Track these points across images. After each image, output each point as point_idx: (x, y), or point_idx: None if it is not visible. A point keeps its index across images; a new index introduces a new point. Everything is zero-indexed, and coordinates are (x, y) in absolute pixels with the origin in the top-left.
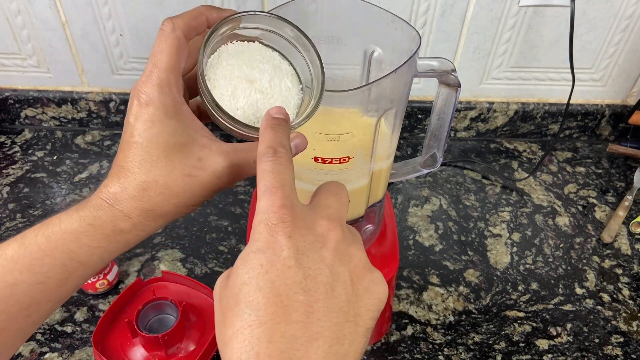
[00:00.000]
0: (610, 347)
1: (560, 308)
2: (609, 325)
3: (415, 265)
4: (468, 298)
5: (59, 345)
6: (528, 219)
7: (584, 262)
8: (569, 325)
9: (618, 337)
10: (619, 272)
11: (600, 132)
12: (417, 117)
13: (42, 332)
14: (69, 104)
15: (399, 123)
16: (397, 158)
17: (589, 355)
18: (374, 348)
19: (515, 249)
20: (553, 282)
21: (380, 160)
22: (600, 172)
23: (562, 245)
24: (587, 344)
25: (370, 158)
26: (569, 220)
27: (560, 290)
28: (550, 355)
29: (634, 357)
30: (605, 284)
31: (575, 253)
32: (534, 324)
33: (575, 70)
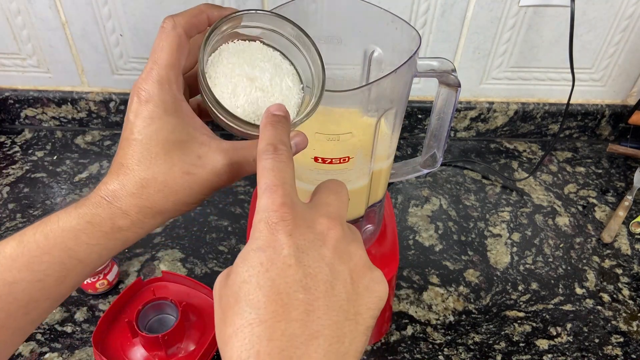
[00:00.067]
0: (610, 347)
1: (560, 308)
2: (609, 325)
3: (415, 265)
4: (468, 298)
5: (59, 345)
6: (528, 219)
7: (584, 262)
8: (569, 325)
9: (618, 337)
10: (619, 272)
11: (600, 132)
12: (417, 117)
13: (42, 332)
14: (69, 104)
15: (399, 123)
16: (397, 158)
17: (589, 355)
18: (374, 348)
19: (515, 249)
20: (553, 282)
21: (380, 160)
22: (600, 172)
23: (562, 245)
24: (587, 344)
25: (370, 158)
26: (569, 220)
27: (560, 290)
28: (550, 355)
29: (634, 357)
30: (605, 284)
31: (575, 253)
32: (534, 324)
33: (575, 70)
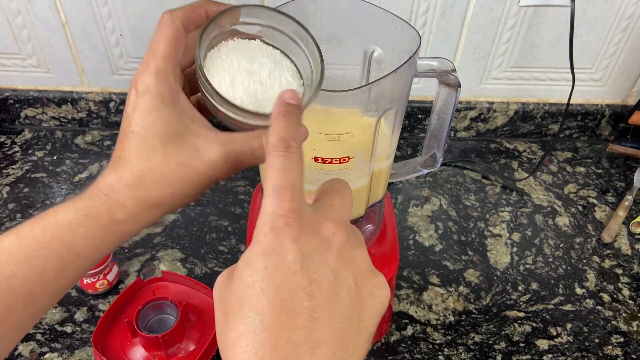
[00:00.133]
0: (610, 347)
1: (560, 308)
2: (609, 325)
3: (415, 265)
4: (468, 298)
5: (59, 345)
6: (528, 219)
7: (584, 262)
8: (569, 325)
9: (618, 337)
10: (619, 272)
11: (600, 132)
12: (417, 117)
13: (42, 332)
14: (69, 104)
15: (399, 123)
16: (397, 158)
17: (589, 355)
18: (374, 348)
19: (515, 249)
20: (553, 282)
21: (380, 160)
22: (600, 172)
23: (562, 245)
24: (587, 344)
25: (370, 158)
26: (569, 220)
27: (560, 290)
28: (550, 355)
29: (634, 357)
30: (605, 284)
31: (575, 253)
32: (534, 324)
33: (575, 70)
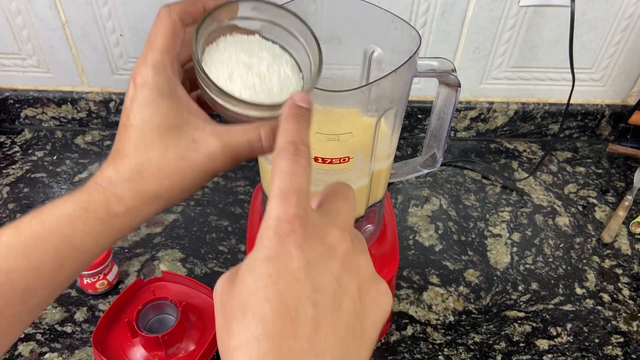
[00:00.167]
0: (610, 347)
1: (560, 308)
2: (609, 325)
3: (415, 265)
4: (468, 298)
5: (59, 346)
6: (528, 219)
7: (584, 262)
8: (569, 325)
9: (618, 337)
10: (619, 272)
11: (600, 132)
12: (417, 117)
13: (42, 332)
14: (69, 104)
15: (399, 123)
16: (397, 158)
17: (589, 355)
18: (374, 348)
19: (515, 249)
20: (553, 282)
21: (380, 160)
22: (600, 172)
23: (562, 245)
24: (587, 344)
25: (370, 158)
26: (569, 220)
27: (560, 290)
28: (550, 355)
29: (634, 357)
30: (605, 284)
31: (575, 253)
32: (534, 324)
33: (575, 70)
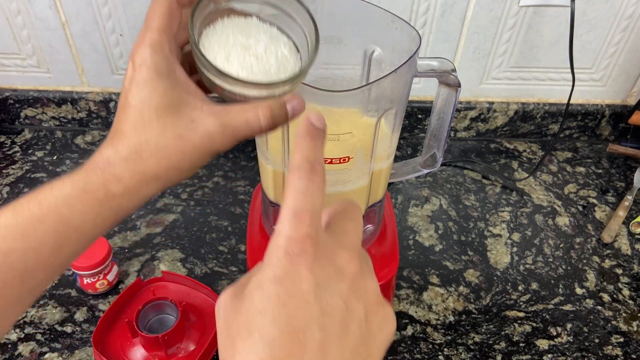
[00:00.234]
0: (610, 347)
1: (560, 308)
2: (609, 325)
3: (415, 265)
4: (468, 298)
5: (59, 345)
6: (528, 219)
7: (584, 262)
8: (569, 325)
9: (618, 337)
10: (619, 272)
11: (600, 132)
12: (417, 117)
13: (42, 332)
14: (69, 104)
15: (399, 123)
16: (397, 158)
17: (589, 355)
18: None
19: (515, 249)
20: (553, 282)
21: (380, 160)
22: (600, 172)
23: (562, 245)
24: (587, 344)
25: (370, 158)
26: (569, 220)
27: (560, 290)
28: (550, 355)
29: (634, 357)
30: (605, 284)
31: (575, 253)
32: (534, 324)
33: (575, 70)
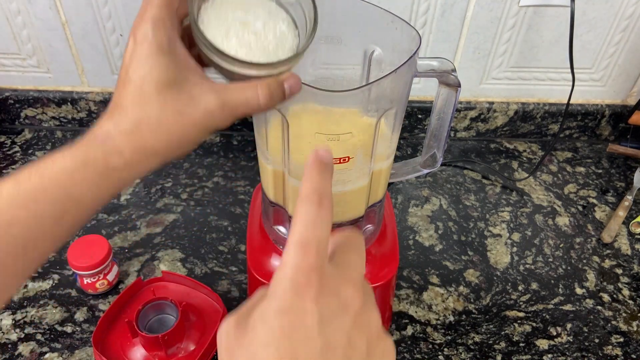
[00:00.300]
0: (610, 347)
1: (560, 308)
2: (609, 325)
3: (415, 265)
4: (468, 298)
5: (59, 345)
6: (528, 219)
7: (584, 262)
8: (569, 325)
9: (618, 337)
10: (619, 272)
11: (600, 132)
12: (417, 117)
13: (42, 332)
14: (69, 104)
15: (399, 123)
16: (397, 158)
17: (589, 355)
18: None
19: (515, 249)
20: (553, 282)
21: (380, 160)
22: (600, 172)
23: (562, 245)
24: (587, 344)
25: (370, 158)
26: (569, 220)
27: (560, 290)
28: (550, 355)
29: (634, 357)
30: (605, 284)
31: (575, 253)
32: (534, 324)
33: (575, 70)
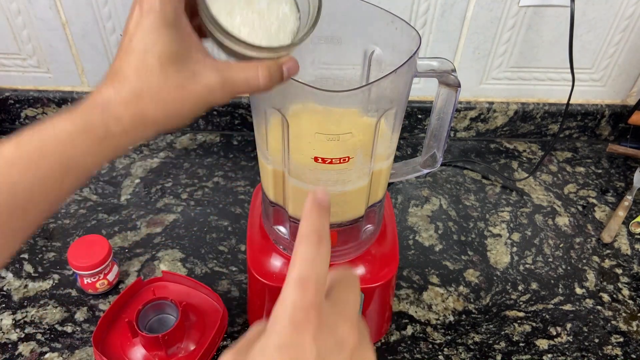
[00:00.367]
0: (610, 347)
1: (560, 308)
2: (609, 325)
3: (415, 265)
4: (468, 298)
5: (59, 345)
6: (528, 219)
7: (584, 262)
8: (569, 325)
9: (618, 337)
10: (619, 272)
11: (600, 132)
12: (417, 117)
13: (42, 332)
14: (69, 104)
15: (399, 123)
16: (397, 158)
17: (589, 355)
18: (374, 348)
19: (515, 249)
20: (553, 282)
21: (380, 160)
22: (600, 172)
23: (562, 245)
24: (587, 344)
25: (370, 158)
26: (569, 220)
27: (560, 290)
28: (550, 355)
29: (634, 357)
30: (605, 284)
31: (575, 253)
32: (534, 324)
33: (575, 70)
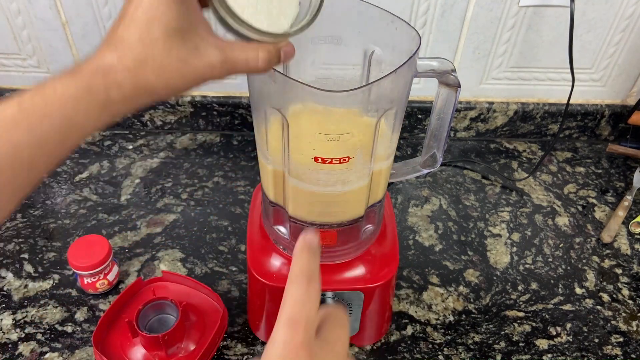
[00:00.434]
0: (610, 347)
1: (560, 308)
2: (609, 325)
3: (415, 265)
4: (468, 298)
5: (59, 345)
6: (528, 219)
7: (584, 262)
8: (569, 325)
9: (618, 337)
10: (619, 272)
11: (600, 132)
12: (417, 117)
13: (42, 332)
14: None
15: (399, 123)
16: (397, 158)
17: (589, 355)
18: (374, 348)
19: (515, 249)
20: (553, 282)
21: (380, 160)
22: (600, 172)
23: (561, 245)
24: (586, 344)
25: (370, 158)
26: (569, 220)
27: (560, 290)
28: (550, 355)
29: (634, 357)
30: (605, 284)
31: (575, 253)
32: (534, 324)
33: (575, 70)
